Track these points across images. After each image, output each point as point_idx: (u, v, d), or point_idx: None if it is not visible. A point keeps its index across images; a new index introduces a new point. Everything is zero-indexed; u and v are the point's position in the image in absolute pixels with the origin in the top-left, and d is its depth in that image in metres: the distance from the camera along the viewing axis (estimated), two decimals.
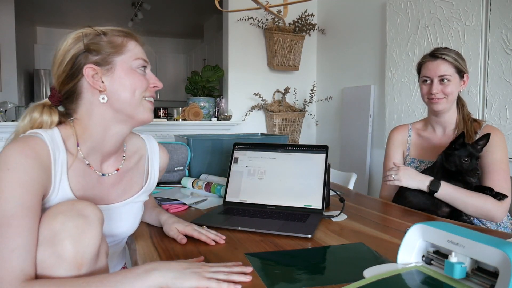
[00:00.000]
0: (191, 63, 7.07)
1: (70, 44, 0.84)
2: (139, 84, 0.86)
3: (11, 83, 4.86)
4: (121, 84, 0.84)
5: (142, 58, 0.88)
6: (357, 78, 3.24)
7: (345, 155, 3.32)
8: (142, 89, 0.87)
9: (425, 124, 1.53)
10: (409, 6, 2.62)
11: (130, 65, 0.85)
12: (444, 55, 1.35)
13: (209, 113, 3.48)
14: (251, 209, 1.20)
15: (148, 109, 0.89)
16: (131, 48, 0.87)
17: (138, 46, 0.89)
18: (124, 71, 0.85)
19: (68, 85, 0.84)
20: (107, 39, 0.85)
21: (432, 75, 1.36)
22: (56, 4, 5.50)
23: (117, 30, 0.88)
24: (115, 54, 0.84)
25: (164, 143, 1.71)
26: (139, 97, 0.86)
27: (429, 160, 1.43)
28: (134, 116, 0.87)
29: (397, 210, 1.30)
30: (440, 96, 1.36)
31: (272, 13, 2.37)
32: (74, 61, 0.83)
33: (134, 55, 0.86)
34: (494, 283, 0.61)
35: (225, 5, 3.43)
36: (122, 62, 0.85)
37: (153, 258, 0.84)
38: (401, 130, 1.56)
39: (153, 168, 1.04)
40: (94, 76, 0.82)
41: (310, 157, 1.26)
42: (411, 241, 0.75)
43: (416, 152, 1.50)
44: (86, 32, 0.84)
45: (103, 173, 0.90)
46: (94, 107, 0.84)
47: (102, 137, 0.86)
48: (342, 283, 0.70)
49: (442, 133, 1.45)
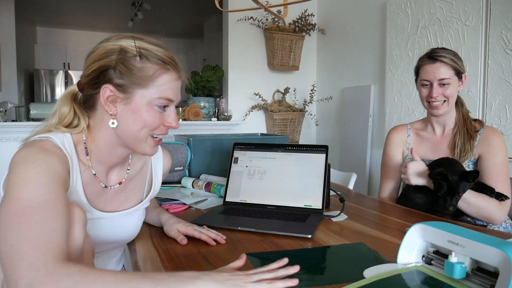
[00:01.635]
0: (191, 63, 7.07)
1: (104, 53, 0.79)
2: (150, 123, 0.80)
3: (11, 83, 4.86)
4: (132, 117, 0.80)
5: (167, 98, 0.81)
6: (357, 78, 3.24)
7: (345, 155, 3.32)
8: (152, 128, 0.82)
9: (424, 123, 1.52)
10: (409, 6, 2.62)
11: (150, 101, 0.79)
12: (442, 57, 1.33)
13: (209, 113, 3.48)
14: (251, 209, 1.20)
15: (151, 146, 0.85)
16: (161, 83, 0.79)
17: (172, 81, 0.82)
18: (141, 105, 0.79)
19: (89, 89, 0.81)
20: (140, 65, 0.78)
21: (431, 79, 1.34)
22: (56, 4, 5.50)
23: (158, 55, 0.80)
24: (138, 86, 0.78)
25: (164, 143, 1.71)
26: (145, 134, 0.82)
27: (429, 159, 1.42)
28: (135, 149, 0.85)
29: (397, 210, 1.30)
30: (440, 100, 1.35)
31: (272, 13, 2.38)
32: (99, 73, 0.79)
33: (159, 93, 0.79)
34: (494, 283, 0.61)
35: (225, 5, 3.43)
36: (142, 96, 0.79)
37: (153, 259, 0.84)
38: (400, 130, 1.56)
39: (156, 174, 1.03)
40: (109, 98, 0.79)
41: (310, 157, 1.26)
42: (411, 241, 0.75)
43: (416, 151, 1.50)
44: (125, 48, 0.78)
45: (106, 185, 0.89)
46: (104, 124, 0.82)
47: (107, 152, 0.86)
48: (342, 283, 0.70)
49: (442, 133, 1.45)
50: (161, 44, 0.83)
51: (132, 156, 0.97)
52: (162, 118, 0.82)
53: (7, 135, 2.73)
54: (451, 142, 1.41)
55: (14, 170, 0.68)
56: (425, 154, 1.46)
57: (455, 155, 1.36)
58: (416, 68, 1.43)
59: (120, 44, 0.79)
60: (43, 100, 6.05)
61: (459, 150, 1.36)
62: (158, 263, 0.82)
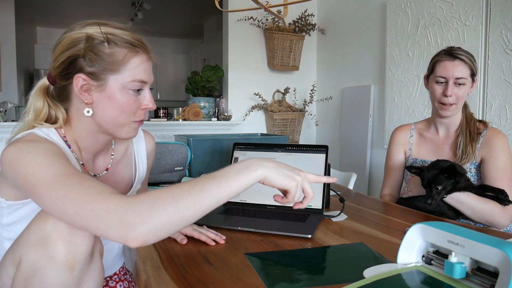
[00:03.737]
0: (191, 63, 7.07)
1: (71, 43, 0.78)
2: (127, 108, 0.81)
3: (11, 83, 4.86)
4: (109, 104, 0.80)
5: (140, 80, 0.81)
6: (357, 78, 3.24)
7: (345, 155, 3.32)
8: (130, 113, 0.82)
9: (428, 124, 1.50)
10: (409, 6, 2.62)
11: (124, 85, 0.79)
12: (462, 55, 1.30)
13: (209, 113, 3.48)
14: (251, 209, 1.20)
15: (133, 129, 0.85)
16: (132, 66, 0.79)
17: (143, 63, 0.81)
18: (116, 91, 0.79)
19: (61, 81, 0.81)
20: (109, 51, 0.77)
21: (448, 76, 1.30)
22: (56, 4, 5.50)
23: (126, 38, 0.79)
24: (110, 72, 0.78)
25: (164, 143, 1.71)
26: (125, 120, 0.82)
27: (431, 160, 1.41)
28: (116, 135, 0.85)
29: (397, 210, 1.30)
30: (452, 101, 1.32)
31: (272, 13, 2.38)
32: (69, 64, 0.78)
33: (131, 76, 0.79)
34: (494, 283, 0.61)
35: (225, 5, 3.43)
36: (115, 81, 0.79)
37: (153, 258, 0.84)
38: (403, 130, 1.55)
39: (139, 155, 1.03)
40: (83, 87, 0.78)
41: (310, 157, 1.26)
42: (411, 241, 0.75)
43: (418, 152, 1.49)
44: (92, 35, 0.77)
45: (94, 174, 0.90)
46: (82, 114, 0.81)
47: (90, 141, 0.86)
48: (342, 283, 0.70)
49: (445, 134, 1.43)
50: (127, 27, 0.83)
51: (114, 141, 0.98)
52: (138, 102, 0.82)
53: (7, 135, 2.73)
54: (454, 144, 1.39)
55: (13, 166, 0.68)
56: (427, 155, 1.45)
57: (457, 157, 1.34)
58: (432, 63, 1.37)
59: (86, 32, 0.78)
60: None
61: (461, 151, 1.34)
62: (158, 263, 0.82)
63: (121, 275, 1.03)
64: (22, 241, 0.67)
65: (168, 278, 0.74)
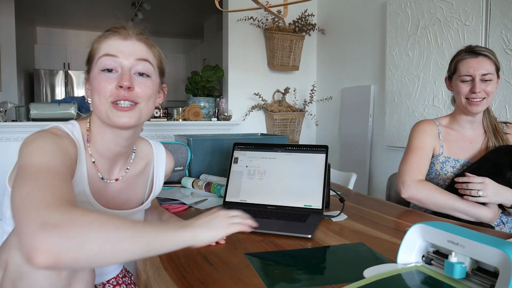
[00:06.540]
0: (191, 63, 7.07)
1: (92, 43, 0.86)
2: (100, 89, 0.81)
3: (11, 83, 4.86)
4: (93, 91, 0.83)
5: (105, 54, 0.81)
6: (357, 78, 3.24)
7: (345, 155, 3.32)
8: (105, 93, 0.80)
9: (451, 121, 1.44)
10: (409, 6, 2.62)
11: (98, 67, 0.82)
12: (484, 51, 1.28)
13: (209, 113, 3.48)
14: (251, 209, 1.20)
15: (117, 115, 0.81)
16: (103, 49, 0.82)
17: (115, 41, 0.82)
18: (94, 76, 0.83)
19: None
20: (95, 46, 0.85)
21: (474, 73, 1.28)
22: (56, 4, 5.50)
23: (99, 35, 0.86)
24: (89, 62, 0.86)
25: (164, 143, 1.71)
26: (104, 102, 0.81)
27: (464, 160, 1.36)
28: (106, 121, 0.83)
29: (397, 210, 1.30)
30: (482, 96, 1.29)
31: (272, 13, 2.38)
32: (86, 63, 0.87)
33: (99, 55, 0.82)
34: (494, 283, 0.61)
35: (225, 5, 3.42)
36: (93, 68, 0.84)
37: (153, 258, 0.84)
38: (431, 124, 1.43)
39: (158, 176, 1.04)
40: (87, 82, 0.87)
41: (310, 157, 1.26)
42: (411, 241, 0.75)
43: (449, 150, 1.40)
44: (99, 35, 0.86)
45: (103, 177, 0.89)
46: None
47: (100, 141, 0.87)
48: (342, 283, 0.70)
49: (472, 131, 1.39)
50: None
51: (134, 156, 0.97)
52: (111, 81, 0.81)
53: (7, 135, 2.73)
54: (484, 142, 1.36)
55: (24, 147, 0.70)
56: (460, 154, 1.39)
57: None
58: (454, 63, 1.35)
59: None
60: (43, 100, 6.04)
61: None
62: (158, 263, 0.82)
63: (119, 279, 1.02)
64: (8, 243, 0.66)
65: (168, 278, 0.74)
